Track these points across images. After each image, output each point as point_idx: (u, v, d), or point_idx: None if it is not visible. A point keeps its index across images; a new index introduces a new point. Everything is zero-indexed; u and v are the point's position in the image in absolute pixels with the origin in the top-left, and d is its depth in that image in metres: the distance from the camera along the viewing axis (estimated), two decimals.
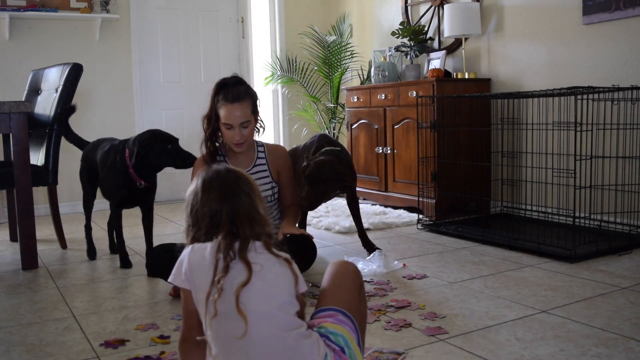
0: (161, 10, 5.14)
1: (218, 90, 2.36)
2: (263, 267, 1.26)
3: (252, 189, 1.34)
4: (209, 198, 1.30)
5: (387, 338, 1.85)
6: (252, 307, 1.21)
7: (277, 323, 1.23)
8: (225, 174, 1.34)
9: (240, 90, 2.36)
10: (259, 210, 1.32)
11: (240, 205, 1.30)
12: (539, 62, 3.77)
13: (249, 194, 1.32)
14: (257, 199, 1.34)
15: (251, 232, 1.29)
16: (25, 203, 2.91)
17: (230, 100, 2.31)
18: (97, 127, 4.88)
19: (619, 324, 1.91)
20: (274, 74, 5.48)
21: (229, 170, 1.35)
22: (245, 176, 1.36)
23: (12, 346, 1.90)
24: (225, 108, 2.30)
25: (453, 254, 2.97)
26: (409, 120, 4.08)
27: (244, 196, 1.31)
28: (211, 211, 1.29)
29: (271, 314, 1.23)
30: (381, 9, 5.16)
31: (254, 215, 1.31)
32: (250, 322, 1.20)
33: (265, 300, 1.24)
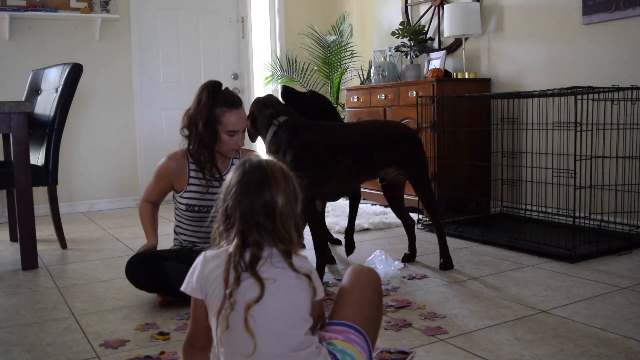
0: (161, 10, 5.14)
1: (214, 97, 2.22)
2: (277, 282, 1.19)
3: (277, 187, 1.21)
4: (232, 191, 1.22)
5: (387, 338, 1.85)
6: (262, 323, 1.16)
7: (287, 342, 1.18)
8: (258, 166, 1.23)
9: (235, 95, 2.31)
10: (282, 216, 1.21)
11: (256, 206, 1.20)
12: (539, 62, 3.77)
13: (274, 194, 1.21)
14: (279, 210, 1.21)
15: (264, 239, 1.21)
16: (25, 203, 2.91)
17: (234, 106, 2.24)
18: (97, 127, 4.89)
19: (619, 324, 1.91)
20: (274, 74, 5.48)
21: (267, 163, 1.24)
22: (281, 174, 1.23)
23: (12, 346, 1.90)
24: (230, 114, 2.22)
25: (453, 254, 2.96)
26: (409, 120, 4.07)
27: (268, 196, 1.20)
28: (226, 209, 1.22)
29: (282, 333, 1.18)
30: (381, 9, 5.16)
31: (273, 221, 1.20)
32: (259, 339, 1.16)
33: (277, 318, 1.18)
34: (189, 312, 2.14)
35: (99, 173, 4.90)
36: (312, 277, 1.24)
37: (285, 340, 1.18)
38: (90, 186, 4.87)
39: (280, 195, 1.21)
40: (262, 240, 1.21)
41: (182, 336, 1.92)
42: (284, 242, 1.21)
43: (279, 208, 1.21)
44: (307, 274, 1.23)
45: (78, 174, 4.83)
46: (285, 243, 1.22)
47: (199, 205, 2.33)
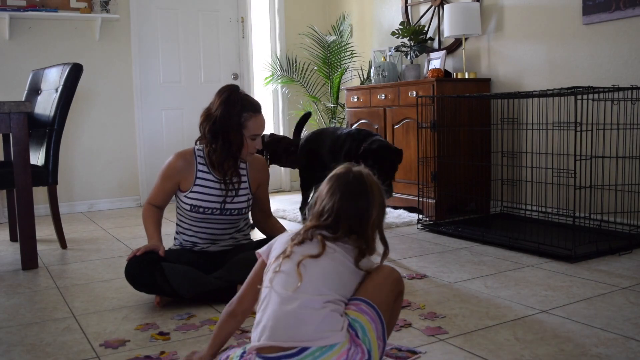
0: (161, 10, 5.14)
1: (241, 102, 2.23)
2: (336, 252, 1.39)
3: (369, 204, 1.43)
4: (330, 192, 1.46)
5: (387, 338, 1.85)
6: (309, 274, 1.34)
7: (322, 297, 1.33)
8: (359, 177, 1.46)
9: (255, 99, 2.34)
10: (365, 225, 1.43)
11: (351, 212, 1.42)
12: (538, 62, 3.77)
13: (363, 206, 1.43)
14: (371, 217, 1.43)
15: (347, 231, 1.41)
16: (25, 203, 2.90)
17: (258, 110, 2.27)
18: (97, 127, 4.89)
19: (619, 324, 1.91)
20: (274, 74, 5.48)
21: (367, 175, 1.47)
22: (371, 190, 1.45)
23: (12, 346, 1.90)
24: (255, 119, 2.25)
25: (453, 254, 2.97)
26: (409, 120, 4.08)
27: (357, 206, 1.43)
28: (323, 209, 1.45)
29: (320, 289, 1.34)
30: (381, 9, 5.16)
31: (360, 226, 1.42)
32: (303, 284, 1.33)
33: (323, 277, 1.35)
34: (189, 312, 2.15)
35: (99, 173, 4.90)
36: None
37: (322, 294, 1.33)
38: (90, 186, 4.87)
39: (374, 208, 1.44)
40: (347, 237, 1.42)
41: (182, 336, 1.92)
42: (364, 245, 1.43)
43: (373, 219, 1.43)
44: (368, 270, 1.43)
45: (78, 174, 4.83)
46: (365, 246, 1.43)
47: (204, 207, 2.32)
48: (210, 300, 2.20)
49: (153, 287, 2.22)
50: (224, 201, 2.33)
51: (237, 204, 2.36)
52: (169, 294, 2.21)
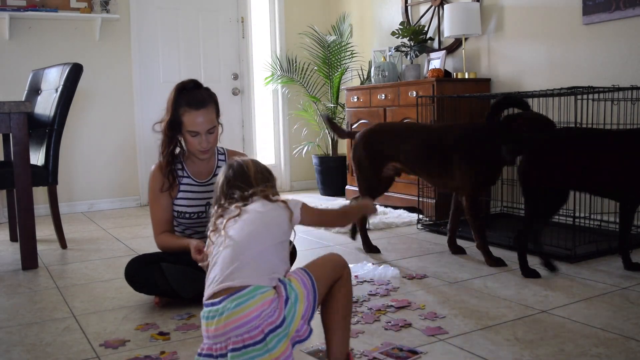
0: (161, 10, 5.14)
1: (179, 96, 2.19)
2: (248, 208, 1.57)
3: (247, 172, 1.64)
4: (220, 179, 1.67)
5: (388, 338, 1.85)
6: (237, 234, 1.51)
7: (259, 257, 1.48)
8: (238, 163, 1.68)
9: (204, 95, 2.22)
10: (252, 183, 1.63)
11: (237, 182, 1.63)
12: (539, 62, 3.77)
13: (245, 175, 1.64)
14: (253, 177, 1.64)
15: (247, 195, 1.60)
16: (25, 203, 2.90)
17: (195, 106, 2.16)
18: (97, 127, 4.89)
19: (619, 324, 1.91)
20: (274, 74, 5.48)
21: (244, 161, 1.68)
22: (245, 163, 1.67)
23: (12, 346, 1.90)
24: (190, 114, 2.16)
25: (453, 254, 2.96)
26: (409, 120, 4.07)
27: (240, 177, 1.63)
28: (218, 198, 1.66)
29: (252, 247, 1.49)
30: (381, 9, 5.16)
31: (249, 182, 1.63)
32: (237, 244, 1.50)
33: (249, 229, 1.52)
34: (189, 312, 2.15)
35: (99, 173, 4.90)
36: (287, 202, 1.61)
37: (245, 250, 1.48)
38: (90, 186, 4.87)
39: (250, 166, 1.67)
40: (244, 193, 1.61)
41: (182, 336, 1.93)
42: (261, 189, 1.61)
43: (252, 176, 1.64)
44: (282, 200, 1.61)
45: (78, 174, 4.83)
46: (262, 189, 1.62)
47: (189, 212, 2.30)
48: None
49: (153, 288, 2.22)
50: (207, 204, 2.28)
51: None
52: (169, 295, 2.21)
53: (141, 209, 4.91)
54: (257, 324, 1.36)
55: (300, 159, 5.69)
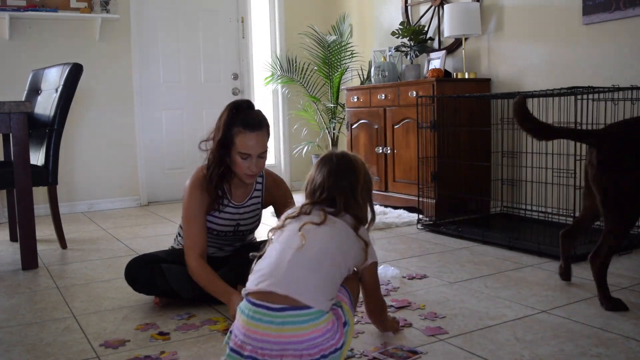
0: (161, 10, 5.14)
1: (234, 115, 2.10)
2: (336, 224, 1.55)
3: (357, 178, 1.63)
4: (320, 172, 1.64)
5: (388, 338, 1.85)
6: (311, 239, 1.50)
7: (318, 272, 1.47)
8: (340, 157, 1.67)
9: (260, 117, 2.13)
10: (357, 196, 1.61)
11: (343, 185, 1.61)
12: (539, 62, 3.77)
13: (353, 180, 1.62)
14: (360, 188, 1.63)
15: (343, 206, 1.58)
16: (25, 203, 2.90)
17: (251, 127, 2.07)
18: (97, 127, 4.89)
19: (619, 324, 1.91)
20: (274, 74, 5.48)
21: (344, 155, 1.69)
22: (356, 166, 1.67)
23: (12, 346, 1.90)
24: (244, 136, 2.06)
25: (453, 254, 2.97)
26: (409, 120, 4.08)
27: (348, 180, 1.61)
28: (316, 182, 1.63)
29: (318, 258, 1.48)
30: (381, 9, 5.16)
31: (352, 197, 1.60)
32: (306, 245, 1.48)
33: (323, 242, 1.51)
34: (189, 312, 2.15)
35: (99, 173, 4.90)
36: (368, 246, 1.59)
37: (323, 258, 1.48)
38: (90, 186, 4.87)
39: (360, 182, 1.64)
40: (344, 212, 1.59)
41: (182, 336, 1.93)
42: (357, 213, 1.60)
43: (360, 191, 1.62)
44: (365, 241, 1.59)
45: (78, 174, 4.83)
46: (358, 214, 1.61)
47: (218, 230, 2.25)
48: (210, 300, 2.19)
49: (153, 288, 2.22)
50: (237, 224, 2.27)
51: (249, 225, 2.31)
52: (169, 295, 2.21)
53: (141, 209, 4.91)
54: (318, 343, 1.40)
55: (300, 159, 5.69)
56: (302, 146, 5.52)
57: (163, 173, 5.20)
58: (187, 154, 5.18)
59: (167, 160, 5.20)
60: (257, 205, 2.32)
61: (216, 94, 5.35)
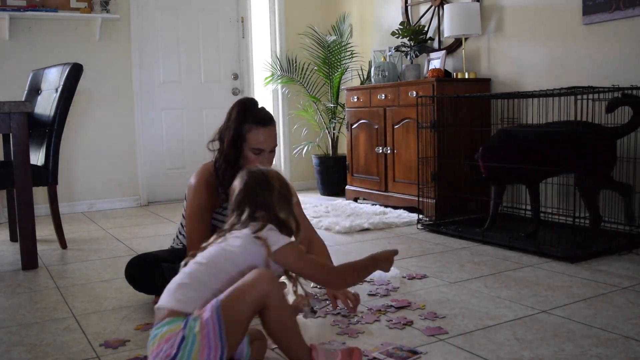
0: (161, 10, 5.14)
1: (244, 112, 2.12)
2: (227, 236, 1.60)
3: (270, 191, 1.69)
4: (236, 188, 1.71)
5: (388, 338, 1.85)
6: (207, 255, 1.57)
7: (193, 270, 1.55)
8: (252, 172, 1.72)
9: (268, 113, 2.17)
10: (272, 208, 1.66)
11: (252, 199, 1.66)
12: (539, 62, 3.77)
13: (265, 194, 1.67)
14: (275, 199, 1.68)
15: (249, 217, 1.64)
16: (25, 203, 2.90)
17: (263, 123, 2.11)
18: (97, 127, 4.89)
19: (619, 324, 1.91)
20: (274, 74, 5.48)
21: (256, 170, 1.74)
22: (268, 179, 1.72)
23: (12, 346, 1.90)
24: (257, 131, 2.10)
25: (453, 254, 2.97)
26: (409, 120, 4.08)
27: (257, 194, 1.67)
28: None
29: (194, 267, 1.56)
30: (381, 9, 5.16)
31: (264, 209, 1.65)
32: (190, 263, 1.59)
33: (202, 257, 1.57)
34: None
35: (99, 173, 4.90)
36: (265, 239, 1.56)
37: (189, 277, 1.53)
38: (90, 186, 4.87)
39: (273, 196, 1.68)
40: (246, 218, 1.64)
41: None
42: (278, 224, 1.65)
43: (274, 200, 1.67)
44: (261, 237, 1.57)
45: (78, 174, 4.83)
46: (280, 225, 1.65)
47: (220, 228, 2.26)
48: None
49: (153, 288, 2.22)
50: None
51: None
52: None
53: (141, 209, 4.91)
54: (161, 350, 1.41)
55: (300, 159, 5.69)
56: (302, 146, 5.52)
57: (163, 173, 5.20)
58: (187, 154, 5.18)
59: (167, 160, 5.20)
60: None
61: (216, 94, 5.35)
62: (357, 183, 4.73)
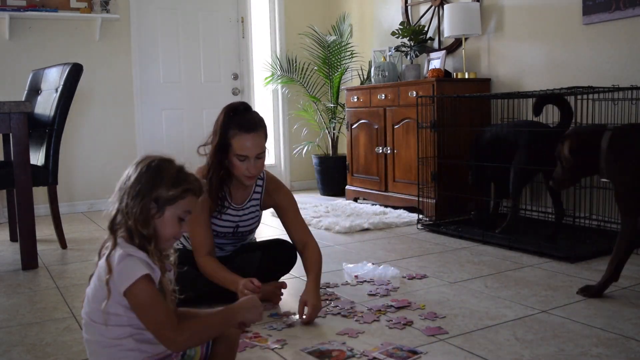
0: (161, 10, 5.14)
1: (229, 118, 2.10)
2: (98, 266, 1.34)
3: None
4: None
5: (388, 338, 1.85)
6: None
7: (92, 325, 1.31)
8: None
9: (256, 119, 2.13)
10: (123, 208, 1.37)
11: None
12: (539, 62, 3.77)
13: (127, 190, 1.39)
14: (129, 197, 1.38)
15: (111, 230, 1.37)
16: (25, 203, 2.90)
17: (247, 129, 2.07)
18: (97, 127, 4.89)
19: (619, 324, 1.91)
20: (274, 74, 5.48)
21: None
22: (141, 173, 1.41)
23: (12, 346, 1.90)
24: (240, 138, 2.07)
25: (453, 254, 2.97)
26: (409, 120, 4.08)
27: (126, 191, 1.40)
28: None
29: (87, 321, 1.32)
30: (381, 9, 5.16)
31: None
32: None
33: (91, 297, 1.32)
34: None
35: (99, 173, 4.90)
36: (111, 271, 1.26)
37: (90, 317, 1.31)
38: (90, 186, 4.87)
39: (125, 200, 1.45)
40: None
41: None
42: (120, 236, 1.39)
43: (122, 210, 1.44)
44: (109, 265, 1.28)
45: (78, 174, 4.83)
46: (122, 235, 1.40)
47: (218, 231, 2.26)
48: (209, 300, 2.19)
49: None
50: (237, 225, 2.28)
51: (248, 226, 2.32)
52: None
53: None
54: None
55: (300, 159, 5.69)
56: (302, 146, 5.52)
57: None
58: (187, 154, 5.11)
59: None
60: (257, 207, 2.33)
61: (216, 94, 5.35)
62: (357, 183, 4.73)
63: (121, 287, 1.25)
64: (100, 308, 1.26)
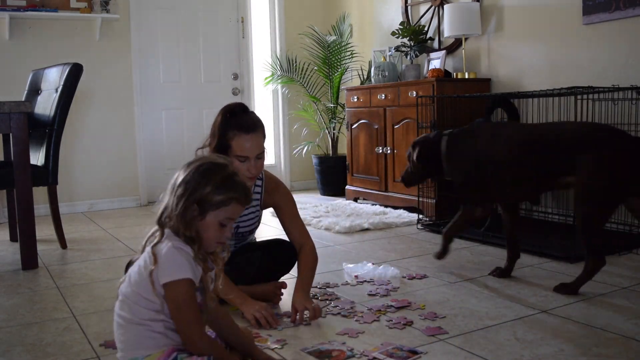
0: (161, 10, 5.14)
1: (227, 119, 2.09)
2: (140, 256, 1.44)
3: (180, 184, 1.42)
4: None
5: (388, 338, 1.85)
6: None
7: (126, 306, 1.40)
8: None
9: (254, 119, 2.13)
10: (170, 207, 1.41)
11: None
12: (539, 62, 3.77)
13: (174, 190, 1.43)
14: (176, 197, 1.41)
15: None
16: (25, 203, 2.90)
17: (246, 129, 2.07)
18: (97, 127, 4.89)
19: (619, 324, 1.91)
20: (274, 74, 5.48)
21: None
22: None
23: (12, 346, 1.90)
24: (240, 138, 2.06)
25: (453, 254, 2.96)
26: (409, 120, 4.08)
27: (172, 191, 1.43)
28: None
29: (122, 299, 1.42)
30: (381, 9, 5.16)
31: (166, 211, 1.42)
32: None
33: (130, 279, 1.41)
34: None
35: (99, 173, 4.90)
36: (156, 261, 1.34)
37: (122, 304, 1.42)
38: (90, 186, 4.87)
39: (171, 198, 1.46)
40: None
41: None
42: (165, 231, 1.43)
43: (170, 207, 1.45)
44: (155, 254, 1.36)
45: (78, 174, 4.83)
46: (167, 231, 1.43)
47: None
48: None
49: None
50: (237, 226, 2.27)
51: (248, 227, 2.32)
52: None
53: (141, 209, 4.91)
54: None
55: (300, 159, 5.69)
56: (302, 146, 5.52)
57: (163, 173, 5.19)
58: (187, 154, 5.14)
59: (167, 160, 5.20)
60: (257, 207, 2.33)
61: (216, 94, 5.35)
62: (357, 183, 4.73)
63: (162, 279, 1.33)
64: (138, 291, 1.36)
